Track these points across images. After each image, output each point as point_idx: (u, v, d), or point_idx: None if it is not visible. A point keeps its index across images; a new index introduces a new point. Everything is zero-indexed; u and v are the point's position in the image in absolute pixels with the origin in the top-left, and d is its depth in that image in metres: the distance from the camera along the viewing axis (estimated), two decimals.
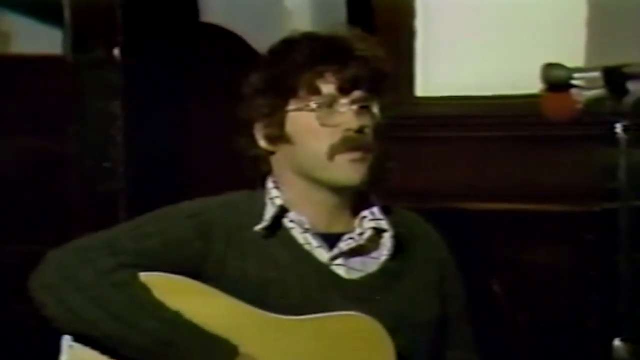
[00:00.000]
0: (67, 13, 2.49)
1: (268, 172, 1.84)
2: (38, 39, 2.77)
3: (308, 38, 1.80)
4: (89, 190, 2.47)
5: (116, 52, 2.45)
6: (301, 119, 1.76)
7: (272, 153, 1.82)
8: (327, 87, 1.75)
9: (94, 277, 1.68)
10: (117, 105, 2.46)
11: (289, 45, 1.80)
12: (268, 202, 1.81)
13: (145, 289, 1.69)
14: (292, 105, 1.77)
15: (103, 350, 1.69)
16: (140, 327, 1.65)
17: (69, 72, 2.49)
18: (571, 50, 2.57)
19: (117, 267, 1.69)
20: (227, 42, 2.67)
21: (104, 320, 1.65)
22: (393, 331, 1.70)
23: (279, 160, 1.82)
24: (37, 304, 1.69)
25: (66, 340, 1.71)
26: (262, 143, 1.81)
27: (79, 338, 1.70)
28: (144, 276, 1.71)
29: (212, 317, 1.68)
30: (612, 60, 1.68)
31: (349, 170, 1.75)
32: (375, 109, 1.79)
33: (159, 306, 1.67)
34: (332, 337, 1.69)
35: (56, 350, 1.72)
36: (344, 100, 1.75)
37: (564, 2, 2.66)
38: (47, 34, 2.71)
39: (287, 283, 1.75)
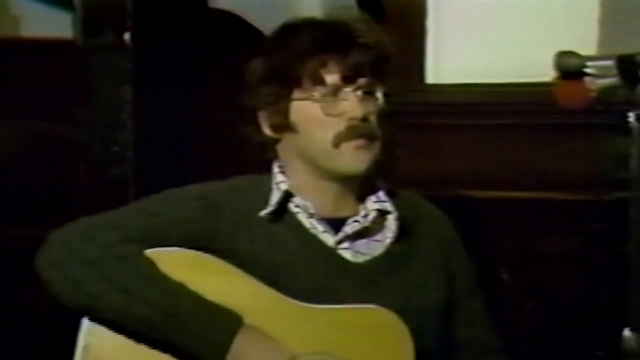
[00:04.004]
0: None
1: (274, 157, 1.84)
2: (48, 23, 2.77)
3: (310, 25, 1.79)
4: (98, 174, 2.47)
5: (126, 36, 2.44)
6: (305, 108, 1.76)
7: (278, 140, 1.82)
8: (331, 77, 1.75)
9: (98, 251, 1.68)
10: (126, 90, 2.45)
11: (291, 32, 1.79)
12: (274, 187, 1.81)
13: (149, 262, 1.69)
14: (296, 95, 1.77)
15: (122, 332, 1.69)
16: (144, 298, 1.65)
17: (79, 57, 2.49)
18: (584, 38, 2.56)
19: (122, 240, 1.70)
20: (236, 27, 2.66)
21: (108, 293, 1.66)
22: (400, 314, 1.70)
23: (285, 147, 1.82)
24: (44, 282, 1.70)
25: (85, 324, 1.71)
26: (267, 131, 1.81)
27: (92, 318, 1.70)
28: (157, 251, 1.71)
29: (233, 297, 1.68)
30: (626, 49, 1.67)
31: (354, 158, 1.75)
32: (379, 94, 1.78)
33: (163, 278, 1.67)
34: (352, 329, 1.69)
35: (67, 333, 1.72)
36: (348, 89, 1.75)
37: None
38: (57, 18, 2.71)
39: (295, 266, 1.75)
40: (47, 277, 1.70)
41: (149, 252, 1.71)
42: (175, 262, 1.71)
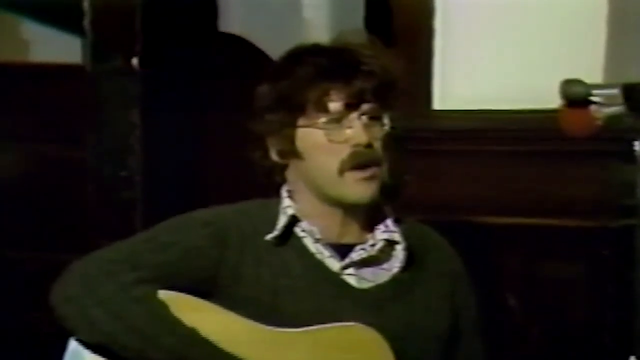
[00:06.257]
0: (86, 22, 2.50)
1: (282, 182, 1.85)
2: (57, 47, 2.79)
3: (313, 52, 1.79)
4: (106, 198, 2.48)
5: (135, 61, 2.45)
6: (310, 135, 1.77)
7: (286, 166, 1.83)
8: (335, 105, 1.75)
9: (115, 291, 1.68)
10: (135, 115, 2.46)
11: (295, 60, 1.79)
12: (281, 211, 1.82)
13: (163, 305, 1.69)
14: (301, 122, 1.77)
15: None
16: (159, 342, 1.65)
17: (88, 81, 2.50)
18: (590, 65, 2.57)
19: (138, 281, 1.70)
20: (245, 52, 2.67)
21: (123, 333, 1.66)
22: (403, 341, 1.70)
23: (292, 172, 1.83)
24: (58, 316, 1.69)
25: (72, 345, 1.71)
26: (275, 157, 1.82)
27: (96, 349, 1.70)
28: None
29: (209, 333, 1.67)
30: (632, 75, 1.68)
31: (358, 188, 1.75)
32: (384, 120, 1.79)
33: (177, 322, 1.68)
34: (330, 348, 1.68)
35: None
36: (352, 115, 1.75)
37: (583, 17, 2.66)
38: (67, 43, 2.73)
39: (299, 291, 1.75)
40: (62, 312, 1.69)
41: None
42: None
